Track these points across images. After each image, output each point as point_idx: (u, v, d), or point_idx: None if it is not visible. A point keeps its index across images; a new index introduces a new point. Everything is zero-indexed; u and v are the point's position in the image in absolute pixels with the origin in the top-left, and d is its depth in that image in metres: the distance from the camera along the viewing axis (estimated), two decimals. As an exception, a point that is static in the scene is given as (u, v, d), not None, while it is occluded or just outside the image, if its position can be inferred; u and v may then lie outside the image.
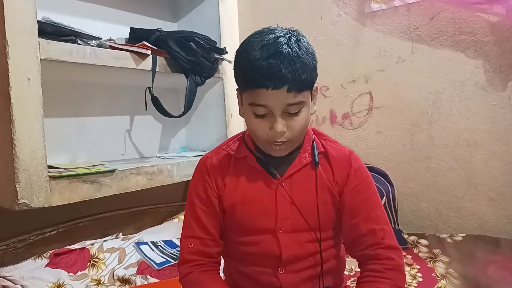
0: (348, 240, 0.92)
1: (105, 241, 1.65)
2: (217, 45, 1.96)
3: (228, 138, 1.01)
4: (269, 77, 0.77)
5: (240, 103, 0.89)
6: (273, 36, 0.80)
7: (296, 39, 0.81)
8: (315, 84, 0.87)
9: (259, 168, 0.90)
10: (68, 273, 1.44)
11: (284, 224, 0.88)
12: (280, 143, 0.84)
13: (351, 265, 1.51)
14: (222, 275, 1.28)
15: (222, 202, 0.92)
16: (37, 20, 1.31)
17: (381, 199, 0.96)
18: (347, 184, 0.90)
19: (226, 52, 1.97)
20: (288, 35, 0.81)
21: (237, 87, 0.89)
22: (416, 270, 1.48)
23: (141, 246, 1.66)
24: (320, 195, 0.89)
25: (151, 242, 1.71)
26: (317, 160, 0.90)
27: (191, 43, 1.77)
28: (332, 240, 0.93)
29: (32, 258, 1.46)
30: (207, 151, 2.13)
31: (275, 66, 0.77)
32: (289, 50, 0.78)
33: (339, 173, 0.91)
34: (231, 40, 2.09)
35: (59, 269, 1.44)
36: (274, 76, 0.77)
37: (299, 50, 0.79)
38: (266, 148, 0.87)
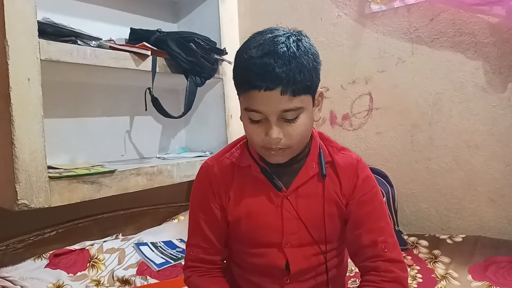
0: (351, 250, 0.91)
1: (104, 241, 1.65)
2: (217, 46, 1.96)
3: (230, 143, 0.97)
4: (262, 77, 0.73)
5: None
6: (271, 35, 0.77)
7: (296, 38, 0.77)
8: (319, 89, 0.82)
9: (264, 179, 0.87)
10: (68, 274, 1.44)
11: (290, 239, 0.87)
12: (276, 149, 0.79)
13: (351, 266, 1.50)
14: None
15: (226, 214, 0.91)
16: (37, 21, 1.31)
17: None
18: (353, 195, 0.88)
19: (226, 53, 1.97)
20: (287, 35, 0.77)
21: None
22: (416, 271, 1.48)
23: (140, 247, 1.66)
24: (327, 209, 0.86)
25: (150, 242, 1.71)
26: (324, 172, 0.86)
27: (191, 43, 1.77)
28: (336, 250, 0.92)
29: (32, 258, 1.46)
30: (207, 152, 2.15)
31: (268, 65, 0.73)
32: (286, 49, 0.74)
33: (346, 184, 0.88)
34: (231, 41, 2.09)
35: (58, 270, 1.44)
36: (267, 75, 0.73)
37: (297, 50, 0.75)
38: (263, 154, 0.83)
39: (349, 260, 1.01)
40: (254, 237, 0.88)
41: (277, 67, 0.73)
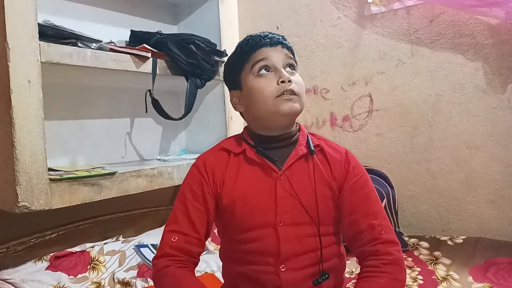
0: (348, 236, 0.93)
1: (105, 243, 1.65)
2: (217, 48, 1.96)
3: (225, 139, 1.03)
4: (266, 37, 0.92)
5: (236, 102, 0.96)
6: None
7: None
8: None
9: (258, 161, 0.92)
10: (69, 276, 1.44)
11: (284, 217, 0.88)
12: (290, 93, 0.88)
13: (351, 267, 1.51)
14: (221, 277, 1.28)
15: (220, 199, 0.92)
16: (38, 23, 1.31)
17: (382, 202, 0.97)
18: (346, 181, 0.92)
19: (226, 55, 1.97)
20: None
21: (230, 90, 0.99)
22: (416, 273, 1.48)
23: (141, 249, 1.66)
24: (319, 189, 0.90)
25: (151, 244, 1.71)
26: (312, 148, 0.93)
27: (191, 45, 1.77)
28: (334, 236, 0.93)
29: (33, 261, 1.46)
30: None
31: (267, 33, 0.94)
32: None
33: (337, 169, 0.93)
34: (231, 43, 2.09)
35: (59, 272, 1.44)
36: (269, 37, 0.92)
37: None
38: (277, 106, 0.88)
39: (348, 261, 1.01)
40: (249, 218, 0.89)
41: (274, 35, 0.94)
